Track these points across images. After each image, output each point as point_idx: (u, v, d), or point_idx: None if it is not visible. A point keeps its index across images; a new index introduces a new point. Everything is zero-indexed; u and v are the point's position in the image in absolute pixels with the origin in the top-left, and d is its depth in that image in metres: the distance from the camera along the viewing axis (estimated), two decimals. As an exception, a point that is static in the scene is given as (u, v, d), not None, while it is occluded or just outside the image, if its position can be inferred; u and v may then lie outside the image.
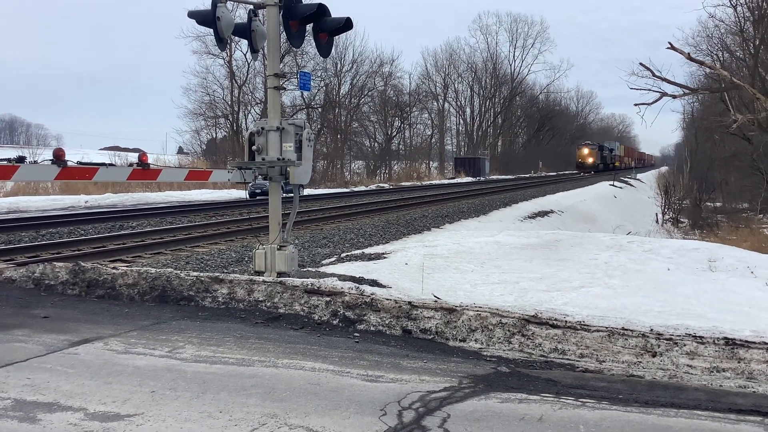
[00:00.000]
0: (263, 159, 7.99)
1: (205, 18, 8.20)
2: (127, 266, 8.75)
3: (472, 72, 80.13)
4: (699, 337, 5.53)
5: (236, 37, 9.29)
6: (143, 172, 7.87)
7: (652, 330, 5.70)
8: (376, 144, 59.61)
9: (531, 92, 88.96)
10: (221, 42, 8.28)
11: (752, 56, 25.03)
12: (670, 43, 16.90)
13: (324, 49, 8.66)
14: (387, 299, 6.50)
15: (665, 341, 5.49)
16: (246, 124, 44.09)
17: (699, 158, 54.54)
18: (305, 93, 42.92)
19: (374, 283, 8.09)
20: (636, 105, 18.36)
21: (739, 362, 5.20)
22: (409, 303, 6.38)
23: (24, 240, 12.68)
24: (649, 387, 4.86)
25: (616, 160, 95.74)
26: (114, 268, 8.01)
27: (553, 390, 4.69)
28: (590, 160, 79.42)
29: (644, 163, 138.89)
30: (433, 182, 51.36)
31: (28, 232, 13.77)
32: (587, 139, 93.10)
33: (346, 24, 8.25)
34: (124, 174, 8.08)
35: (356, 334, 6.10)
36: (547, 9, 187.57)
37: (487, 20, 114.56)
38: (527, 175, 71.71)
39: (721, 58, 34.79)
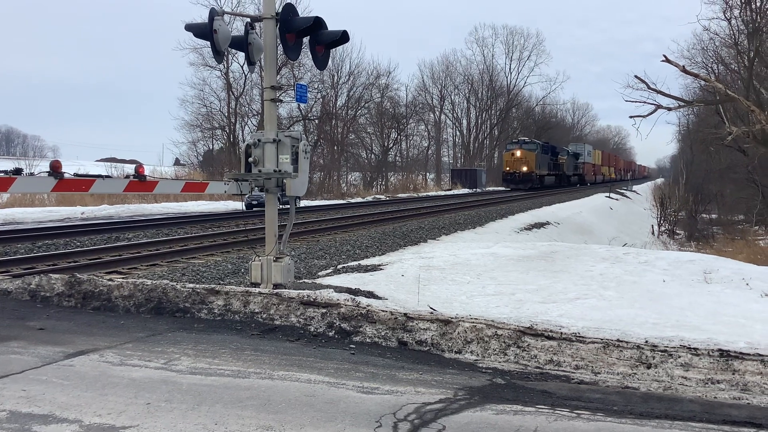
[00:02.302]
0: (260, 171, 8.02)
1: (202, 31, 8.25)
2: (123, 278, 8.75)
3: (468, 84, 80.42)
4: (694, 348, 5.54)
5: (233, 50, 9.33)
6: (140, 184, 7.88)
7: (647, 342, 5.71)
8: (372, 155, 59.68)
9: (527, 104, 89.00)
10: (218, 54, 8.32)
11: (747, 69, 25.19)
12: (665, 56, 17.05)
13: (320, 62, 8.70)
14: (383, 311, 6.51)
15: (660, 353, 5.51)
16: (243, 135, 44.08)
17: (694, 170, 54.69)
18: (302, 105, 43.04)
19: (370, 294, 8.09)
20: (631, 117, 18.50)
21: (733, 374, 5.22)
22: (405, 315, 6.39)
23: (20, 251, 12.66)
24: (644, 399, 4.88)
25: (584, 169, 74.28)
26: (110, 279, 8.01)
27: (548, 402, 4.70)
28: (524, 168, 53.76)
29: (634, 174, 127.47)
30: (430, 194, 51.39)
31: (24, 243, 13.75)
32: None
33: (343, 37, 8.31)
34: (121, 186, 8.09)
35: (352, 346, 6.10)
36: (542, 22, 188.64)
37: (483, 32, 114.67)
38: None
39: (716, 71, 34.98)
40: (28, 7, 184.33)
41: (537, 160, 55.00)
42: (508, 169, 55.44)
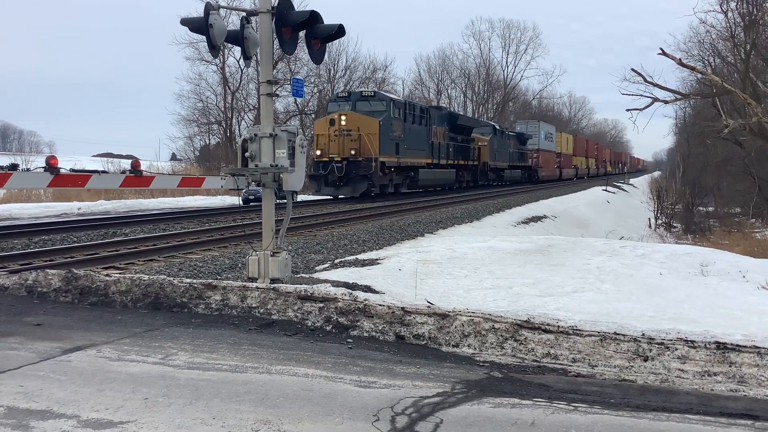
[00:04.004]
0: (256, 166, 8.00)
1: (197, 25, 8.22)
2: (120, 273, 8.74)
3: (465, 78, 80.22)
4: (691, 341, 5.56)
5: (229, 44, 9.30)
6: (136, 179, 7.86)
7: (644, 334, 5.73)
8: (369, 150, 59.59)
9: (524, 98, 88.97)
10: (214, 49, 8.30)
11: (743, 61, 25.18)
12: (661, 49, 17.02)
13: (317, 56, 8.68)
14: (380, 305, 6.51)
15: (657, 345, 5.52)
16: (239, 130, 44.05)
17: (691, 163, 54.75)
18: (298, 99, 42.96)
19: (367, 289, 8.09)
20: (628, 110, 18.50)
21: (730, 366, 5.24)
22: (402, 309, 6.39)
23: (16, 247, 12.63)
24: (641, 391, 4.89)
25: (539, 159, 53.40)
26: (107, 275, 8.00)
27: (545, 395, 4.71)
28: (351, 151, 25.43)
29: (624, 167, 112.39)
30: (427, 188, 51.33)
31: (21, 239, 13.71)
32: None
33: (339, 31, 8.29)
34: (117, 181, 8.06)
35: (349, 340, 6.11)
36: (539, 16, 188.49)
37: (480, 26, 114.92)
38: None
39: (713, 64, 34.94)
40: (26, 3, 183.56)
41: (385, 133, 26.53)
42: (318, 153, 26.52)
